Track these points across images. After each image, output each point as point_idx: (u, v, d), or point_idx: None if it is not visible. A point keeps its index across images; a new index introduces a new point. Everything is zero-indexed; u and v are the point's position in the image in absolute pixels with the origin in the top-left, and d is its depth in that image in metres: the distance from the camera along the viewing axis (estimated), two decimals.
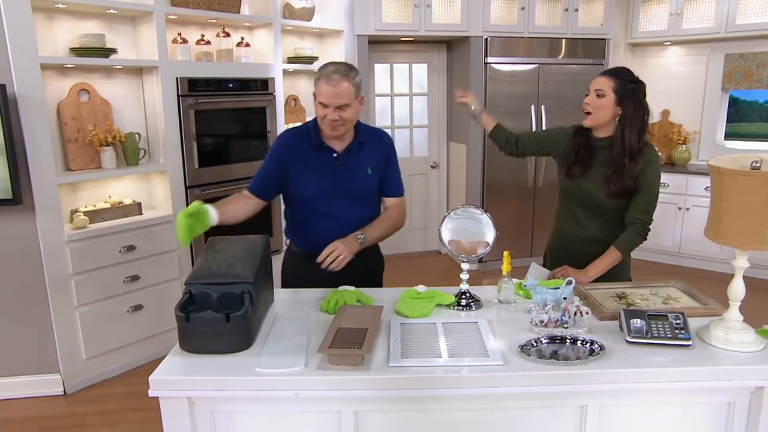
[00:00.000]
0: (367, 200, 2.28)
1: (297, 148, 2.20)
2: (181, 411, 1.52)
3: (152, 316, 3.53)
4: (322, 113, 2.10)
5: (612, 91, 2.16)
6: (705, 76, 5.38)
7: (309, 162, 2.19)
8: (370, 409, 1.56)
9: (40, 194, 2.97)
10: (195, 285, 1.67)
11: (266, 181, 2.24)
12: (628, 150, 2.16)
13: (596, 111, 2.19)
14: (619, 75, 2.19)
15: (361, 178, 2.24)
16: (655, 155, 2.21)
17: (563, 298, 1.79)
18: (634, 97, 2.16)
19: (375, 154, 2.26)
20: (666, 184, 5.29)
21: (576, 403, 1.58)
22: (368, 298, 1.98)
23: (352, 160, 2.21)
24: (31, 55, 2.87)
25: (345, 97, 2.07)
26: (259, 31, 4.14)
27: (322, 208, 2.19)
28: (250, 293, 1.61)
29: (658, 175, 2.21)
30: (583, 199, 2.29)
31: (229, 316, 1.55)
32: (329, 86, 2.06)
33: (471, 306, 1.93)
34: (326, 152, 2.19)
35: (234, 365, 1.55)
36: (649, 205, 2.19)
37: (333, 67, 2.09)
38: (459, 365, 1.54)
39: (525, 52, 5.08)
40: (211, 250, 1.82)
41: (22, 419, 2.96)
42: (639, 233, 2.19)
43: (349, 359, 1.52)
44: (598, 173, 2.23)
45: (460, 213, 1.93)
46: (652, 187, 2.18)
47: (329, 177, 2.19)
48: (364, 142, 2.23)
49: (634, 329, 1.65)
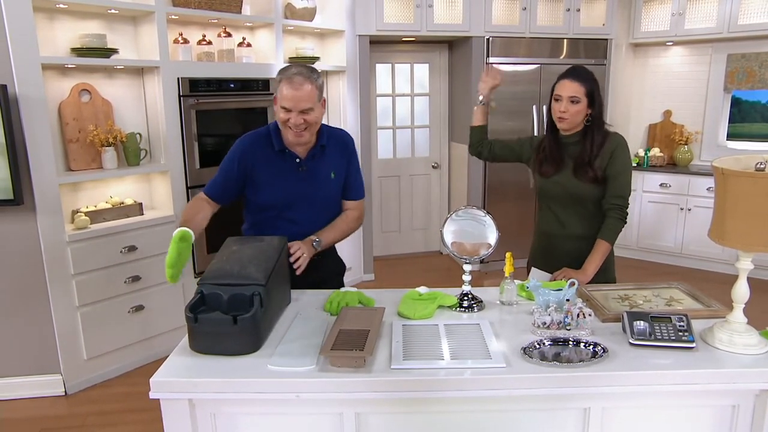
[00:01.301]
0: (329, 205, 2.27)
1: (259, 153, 2.15)
2: (182, 413, 1.52)
3: (153, 317, 3.53)
4: (284, 117, 2.04)
5: (584, 95, 2.23)
6: (707, 77, 5.36)
7: (271, 168, 2.15)
8: (371, 411, 1.56)
9: (41, 194, 2.97)
10: (206, 285, 1.66)
11: (226, 186, 2.19)
12: (597, 146, 2.25)
13: (573, 117, 2.25)
14: (586, 77, 2.25)
15: (324, 184, 2.22)
16: (620, 142, 2.28)
17: (566, 299, 1.79)
18: (599, 94, 2.27)
19: (337, 157, 2.24)
20: (668, 184, 5.28)
21: (579, 405, 1.57)
22: (370, 300, 1.97)
23: (315, 165, 2.19)
24: (33, 55, 2.87)
25: (308, 100, 2.01)
26: (261, 31, 4.13)
27: (285, 214, 2.17)
28: (260, 295, 1.60)
29: (626, 161, 2.28)
30: (561, 194, 2.34)
31: (237, 318, 1.55)
32: (292, 89, 2.00)
33: (473, 307, 1.92)
34: (288, 158, 2.16)
35: (236, 367, 1.54)
36: (623, 190, 2.26)
37: (295, 69, 2.04)
38: (461, 367, 1.53)
39: (526, 53, 5.07)
40: (226, 250, 1.81)
41: (23, 420, 2.96)
42: (618, 218, 2.24)
43: (350, 361, 1.51)
44: (570, 167, 2.30)
45: (462, 214, 1.92)
46: (622, 173, 2.26)
47: (292, 183, 2.16)
48: (326, 145, 2.21)
49: (637, 331, 1.64)
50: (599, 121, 2.28)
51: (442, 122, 5.63)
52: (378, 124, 5.44)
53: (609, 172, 2.25)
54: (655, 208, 5.41)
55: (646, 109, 5.79)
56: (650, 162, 5.48)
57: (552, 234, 2.41)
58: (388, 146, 5.57)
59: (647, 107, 5.78)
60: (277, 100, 2.07)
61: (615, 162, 2.25)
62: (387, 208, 5.63)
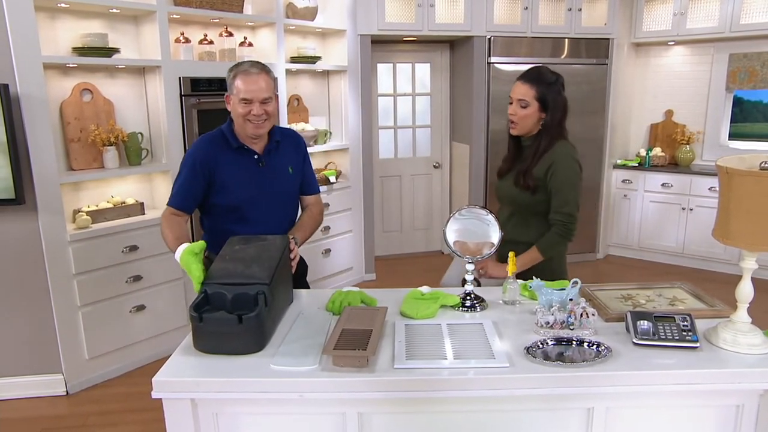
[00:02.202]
0: (290, 202, 2.31)
1: (218, 154, 2.15)
2: (185, 413, 1.51)
3: (154, 317, 3.52)
4: (244, 110, 2.07)
5: (534, 99, 2.17)
6: (709, 76, 5.35)
7: (232, 167, 2.15)
8: (374, 411, 1.55)
9: (42, 194, 2.96)
10: (210, 285, 1.65)
11: (192, 194, 2.15)
12: (537, 154, 2.20)
13: (521, 121, 2.21)
14: (539, 80, 2.17)
15: (285, 179, 2.25)
16: (561, 154, 2.19)
17: (569, 299, 1.78)
18: (556, 100, 2.17)
19: (292, 152, 2.29)
20: (669, 184, 5.28)
21: (582, 405, 1.56)
22: (372, 299, 1.97)
23: (273, 160, 2.22)
24: (34, 55, 2.86)
25: (267, 90, 2.08)
26: (262, 31, 4.13)
27: (250, 214, 2.16)
28: (264, 294, 1.60)
29: (567, 175, 2.19)
30: (503, 196, 2.33)
31: (242, 317, 1.54)
32: (250, 81, 2.05)
33: (476, 307, 1.92)
34: (247, 155, 2.18)
35: (238, 367, 1.54)
36: (564, 205, 2.19)
37: (249, 63, 2.10)
38: (464, 367, 1.52)
39: (528, 52, 5.06)
40: (229, 249, 1.80)
41: (24, 419, 2.95)
42: (558, 233, 2.20)
43: (353, 361, 1.50)
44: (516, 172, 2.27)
45: (465, 213, 1.92)
46: (562, 188, 2.19)
47: (255, 180, 2.18)
48: (281, 141, 2.25)
49: (641, 331, 1.63)
50: (552, 129, 2.18)
51: (444, 122, 5.62)
52: (379, 124, 5.43)
53: (551, 185, 2.19)
54: (657, 208, 5.40)
55: (647, 108, 5.78)
56: (652, 162, 5.47)
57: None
58: (390, 146, 5.57)
59: (648, 107, 5.77)
60: (231, 97, 2.10)
61: (554, 176, 2.18)
62: (388, 208, 5.62)
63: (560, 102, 2.19)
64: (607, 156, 5.51)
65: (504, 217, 2.34)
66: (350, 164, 4.75)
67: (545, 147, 2.19)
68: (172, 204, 2.14)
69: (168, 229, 2.03)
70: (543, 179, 2.21)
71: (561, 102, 2.19)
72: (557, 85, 2.19)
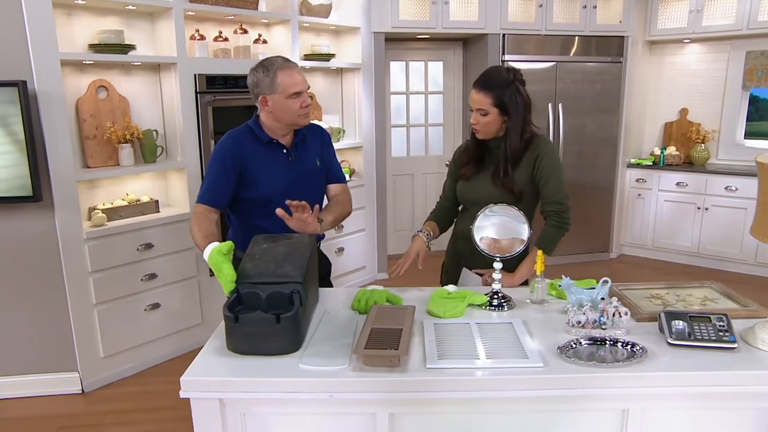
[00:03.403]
0: (318, 195, 2.31)
1: (247, 149, 2.14)
2: (213, 413, 1.48)
3: (168, 315, 3.51)
4: (297, 103, 2.09)
5: (492, 106, 2.12)
6: (725, 74, 5.30)
7: (263, 161, 2.14)
8: (405, 412, 1.52)
9: (59, 191, 2.95)
10: (243, 284, 1.61)
11: (224, 189, 2.12)
12: (511, 156, 2.15)
13: (484, 128, 2.17)
14: (493, 85, 2.12)
15: (313, 173, 2.26)
16: (543, 147, 2.16)
17: (600, 298, 1.75)
18: (514, 101, 2.12)
19: (318, 146, 2.29)
20: (684, 183, 5.22)
21: (617, 406, 1.53)
22: (398, 298, 1.94)
23: (301, 154, 2.22)
24: (52, 52, 2.85)
25: (306, 81, 2.14)
26: (276, 28, 4.10)
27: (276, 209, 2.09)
28: (299, 293, 1.56)
29: (553, 163, 2.16)
30: (479, 199, 2.20)
31: (280, 317, 1.50)
32: (295, 73, 2.08)
33: (503, 306, 1.89)
34: (276, 149, 2.18)
35: (266, 366, 1.51)
36: (556, 194, 2.15)
37: (281, 59, 2.11)
38: (499, 367, 1.49)
39: (542, 50, 5.02)
40: (256, 248, 1.76)
41: (40, 417, 2.94)
42: (555, 225, 2.15)
43: (385, 360, 1.48)
44: (490, 172, 2.21)
45: (495, 210, 1.89)
46: (551, 177, 2.14)
47: (285, 174, 2.17)
48: (307, 135, 2.25)
49: (675, 331, 1.60)
50: (517, 131, 2.13)
51: (456, 120, 5.59)
52: (392, 122, 5.40)
53: (538, 179, 2.15)
54: (672, 208, 5.35)
55: (661, 107, 5.73)
56: (666, 161, 5.42)
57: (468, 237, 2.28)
58: (402, 144, 5.54)
59: (663, 105, 5.72)
60: (271, 97, 2.07)
61: (541, 169, 2.14)
62: (400, 206, 5.59)
63: (520, 101, 2.12)
64: (621, 155, 5.46)
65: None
66: (364, 163, 4.73)
67: (521, 149, 2.15)
68: (204, 200, 2.10)
69: (197, 226, 1.99)
70: (529, 181, 2.17)
71: (521, 101, 2.13)
72: (513, 84, 2.12)
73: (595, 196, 5.38)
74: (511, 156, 2.15)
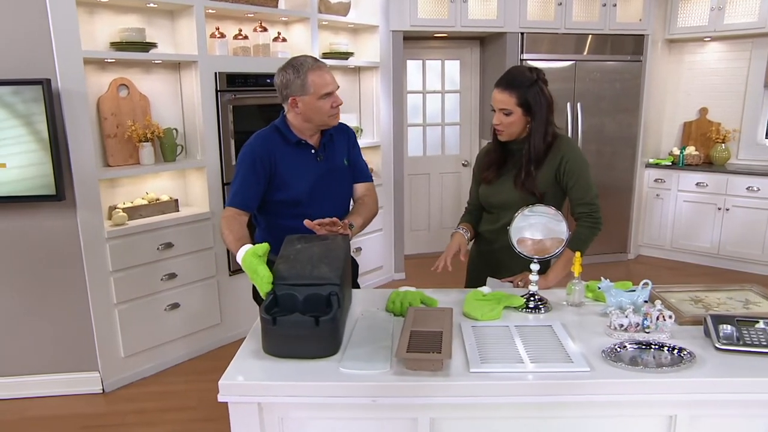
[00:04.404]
0: (347, 196, 2.28)
1: (276, 150, 2.10)
2: (252, 417, 1.45)
3: (189, 315, 3.48)
4: (328, 104, 2.07)
5: (516, 106, 2.07)
6: (746, 73, 5.22)
7: (291, 162, 2.11)
8: (447, 416, 1.49)
9: (81, 190, 2.93)
10: (280, 286, 1.58)
11: (253, 192, 2.09)
12: (534, 157, 2.11)
13: (507, 128, 2.12)
14: (517, 85, 2.08)
15: (341, 173, 2.23)
16: (567, 148, 2.13)
17: (644, 301, 1.71)
18: (538, 100, 2.08)
19: (344, 144, 2.27)
20: (704, 183, 5.16)
21: (665, 412, 1.49)
22: (432, 300, 1.90)
23: (329, 154, 2.19)
24: (75, 50, 2.83)
25: (336, 80, 2.12)
26: (295, 26, 4.07)
27: (309, 209, 2.08)
28: (337, 295, 1.53)
29: (579, 163, 2.12)
30: (502, 202, 2.19)
31: (319, 320, 1.47)
32: (326, 74, 2.07)
33: (540, 308, 1.85)
34: (305, 149, 2.15)
35: (304, 370, 1.48)
36: (585, 195, 2.11)
37: (309, 59, 2.08)
38: (545, 371, 1.45)
39: (561, 49, 4.97)
40: (290, 248, 1.72)
41: (63, 417, 2.93)
42: (588, 226, 2.12)
43: (428, 364, 1.44)
44: (510, 176, 2.17)
45: (533, 211, 1.85)
46: (579, 179, 2.11)
47: (314, 174, 2.14)
48: (334, 134, 2.22)
49: (723, 335, 1.56)
50: (540, 132, 2.09)
51: (473, 119, 5.54)
52: (408, 122, 5.36)
53: (565, 181, 2.12)
54: (691, 208, 5.29)
55: (680, 106, 5.66)
56: (686, 161, 5.35)
57: (491, 240, 2.28)
58: (418, 144, 5.50)
59: (682, 105, 5.65)
60: (302, 98, 2.04)
61: (567, 171, 2.10)
62: (416, 206, 5.55)
63: (544, 101, 2.09)
64: (639, 155, 5.40)
65: (501, 224, 2.19)
66: (382, 162, 4.69)
67: (543, 151, 2.11)
68: (234, 204, 2.07)
69: (228, 230, 1.96)
70: (552, 182, 2.13)
71: (545, 101, 2.09)
72: (537, 84, 2.08)
73: (614, 197, 5.33)
74: (534, 157, 2.11)
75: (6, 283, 2.96)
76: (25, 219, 2.90)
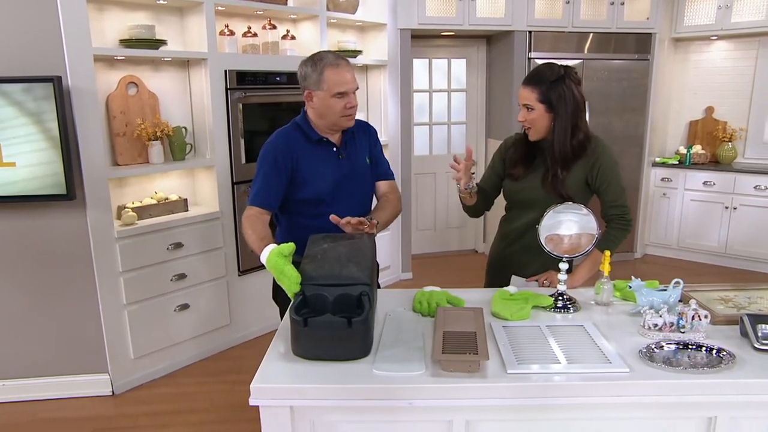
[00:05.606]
0: (369, 194, 2.24)
1: (297, 148, 2.06)
2: (283, 421, 1.42)
3: (199, 316, 3.44)
4: (341, 104, 2.00)
5: (538, 101, 2.05)
6: (753, 72, 5.21)
7: (313, 160, 2.08)
8: (482, 418, 1.46)
9: (91, 189, 2.89)
10: (309, 286, 1.54)
11: (276, 190, 2.04)
12: (560, 156, 2.06)
13: (533, 124, 2.09)
14: (538, 80, 2.05)
15: (363, 171, 2.19)
16: (600, 150, 2.09)
17: (678, 300, 1.68)
18: (563, 97, 2.03)
19: (366, 143, 2.23)
20: (711, 182, 5.15)
21: (704, 414, 1.46)
22: (459, 299, 1.87)
23: (351, 152, 2.15)
24: (85, 47, 2.79)
25: (355, 79, 2.04)
26: (304, 24, 4.03)
27: (331, 207, 2.04)
28: (368, 296, 1.49)
29: (613, 168, 2.09)
30: (529, 200, 2.15)
31: (351, 321, 1.43)
32: (345, 72, 1.99)
33: (569, 308, 1.82)
34: (326, 147, 2.11)
35: (336, 372, 1.44)
36: (617, 197, 2.09)
37: (333, 55, 2.02)
38: (583, 372, 1.42)
39: (568, 47, 4.95)
40: (316, 248, 1.68)
41: (74, 419, 2.88)
42: (619, 228, 2.09)
43: (464, 366, 1.41)
44: (539, 174, 2.13)
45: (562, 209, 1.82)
46: (611, 181, 2.08)
47: (336, 172, 2.10)
48: (355, 132, 2.18)
49: (762, 335, 1.53)
50: (565, 130, 2.04)
51: (479, 119, 5.51)
52: (414, 120, 5.33)
53: (598, 184, 2.09)
54: (698, 207, 5.27)
55: (686, 105, 5.64)
56: (692, 159, 5.34)
57: (513, 239, 2.25)
58: (425, 142, 5.47)
59: (688, 104, 5.63)
60: (317, 93, 2.00)
61: (601, 174, 2.07)
62: (422, 205, 5.52)
63: (570, 99, 2.03)
64: (646, 154, 5.38)
65: (524, 222, 2.17)
66: (390, 161, 4.64)
67: (572, 150, 2.06)
68: (256, 203, 2.02)
69: (250, 229, 1.92)
70: (582, 184, 2.10)
71: (570, 98, 2.03)
72: (562, 81, 2.03)
73: None
74: (560, 157, 2.06)
75: (15, 284, 2.91)
76: (35, 218, 2.86)
